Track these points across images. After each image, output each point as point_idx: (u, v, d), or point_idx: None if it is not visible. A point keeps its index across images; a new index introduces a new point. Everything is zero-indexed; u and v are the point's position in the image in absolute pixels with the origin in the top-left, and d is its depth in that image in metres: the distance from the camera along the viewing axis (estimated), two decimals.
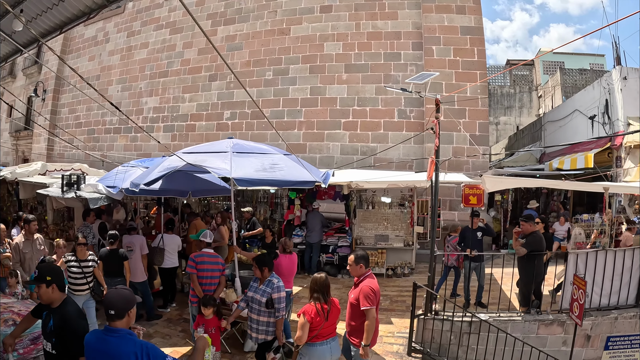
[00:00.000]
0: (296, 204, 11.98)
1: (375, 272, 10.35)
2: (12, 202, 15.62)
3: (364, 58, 14.02)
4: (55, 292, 3.45)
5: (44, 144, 22.55)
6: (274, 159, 6.91)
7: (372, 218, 11.58)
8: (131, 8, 20.10)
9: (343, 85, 13.99)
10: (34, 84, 23.13)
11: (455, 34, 13.49)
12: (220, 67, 15.97)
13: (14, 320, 4.62)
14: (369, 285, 4.86)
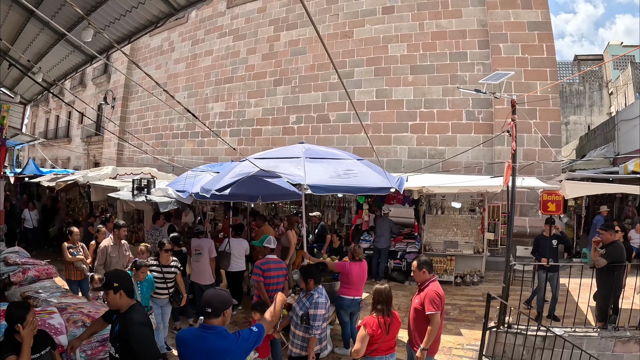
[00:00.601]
0: (364, 208, 11.93)
1: (443, 279, 10.49)
2: (84, 204, 16.33)
3: (429, 59, 13.72)
4: (123, 298, 3.49)
5: (114, 148, 23.42)
6: (348, 165, 6.81)
7: (441, 224, 11.33)
8: (194, 18, 20.59)
9: (409, 87, 13.77)
10: (103, 92, 24.20)
11: (522, 29, 12.97)
12: (285, 71, 16.14)
13: (83, 321, 4.65)
14: (435, 289, 4.80)
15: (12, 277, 6.45)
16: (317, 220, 11.35)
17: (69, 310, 4.89)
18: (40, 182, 15.12)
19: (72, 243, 7.93)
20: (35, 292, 5.97)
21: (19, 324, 3.30)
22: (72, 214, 16.28)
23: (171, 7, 7.03)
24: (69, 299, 5.80)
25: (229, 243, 8.53)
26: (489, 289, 7.34)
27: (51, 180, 14.43)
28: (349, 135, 14.24)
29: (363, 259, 6.76)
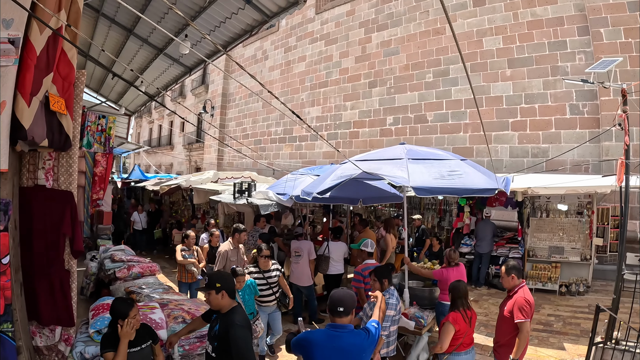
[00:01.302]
0: (465, 211, 11.39)
1: (547, 288, 9.83)
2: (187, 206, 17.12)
3: (527, 50, 12.77)
4: (225, 298, 3.48)
5: (214, 154, 24.37)
6: (451, 165, 6.43)
7: (546, 227, 10.47)
8: (285, 26, 20.97)
9: (507, 82, 12.95)
10: (202, 102, 25.40)
11: (622, 11, 11.55)
12: (379, 73, 15.90)
13: (183, 317, 4.69)
14: (524, 296, 4.50)
15: (117, 273, 6.83)
16: (418, 223, 11.08)
17: (170, 306, 5.00)
18: (145, 186, 16.08)
19: (187, 246, 7.99)
20: (139, 288, 6.24)
21: (122, 319, 3.42)
22: (175, 216, 17.13)
23: (264, 15, 7.15)
24: (170, 296, 5.99)
25: (328, 246, 8.42)
26: (596, 300, 6.84)
27: (155, 184, 15.29)
28: (447, 135, 13.68)
29: (460, 263, 6.44)
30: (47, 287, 3.73)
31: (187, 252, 7.90)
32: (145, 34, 8.93)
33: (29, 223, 3.71)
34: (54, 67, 3.52)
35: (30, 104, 3.12)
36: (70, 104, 3.83)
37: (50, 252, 3.77)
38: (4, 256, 2.95)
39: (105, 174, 6.36)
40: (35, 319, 3.79)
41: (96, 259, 8.20)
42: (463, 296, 4.64)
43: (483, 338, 7.19)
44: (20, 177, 3.81)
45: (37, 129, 3.25)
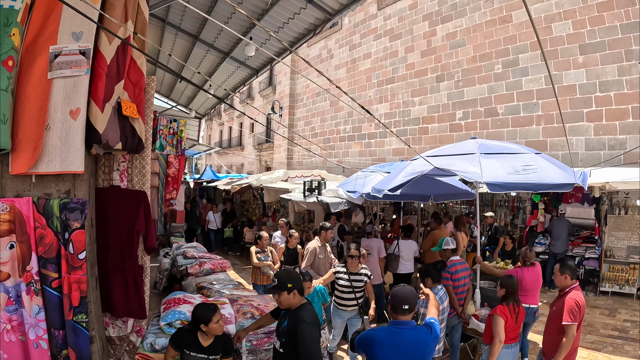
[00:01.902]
0: (540, 208, 10.89)
1: (624, 291, 9.25)
2: (257, 205, 17.60)
3: (598, 34, 11.79)
4: (296, 297, 3.49)
5: (284, 154, 24.70)
6: (526, 159, 6.12)
7: (624, 226, 9.75)
8: (348, 24, 20.88)
9: (580, 70, 12.05)
10: (270, 103, 25.88)
11: None
12: (446, 66, 15.46)
13: (252, 313, 4.73)
14: (575, 298, 4.31)
15: (189, 269, 7.10)
16: (491, 221, 10.74)
17: (239, 302, 5.12)
18: (216, 185, 16.62)
19: (260, 248, 7.85)
20: (210, 284, 6.44)
21: (204, 324, 3.56)
22: (246, 214, 17.60)
23: (326, 13, 7.21)
24: (240, 292, 6.11)
25: (398, 245, 8.33)
26: None
27: (227, 183, 15.78)
28: (519, 129, 13.01)
29: (536, 262, 6.18)
30: (121, 282, 3.96)
31: (262, 254, 7.82)
32: (210, 39, 9.24)
33: (105, 221, 3.95)
34: (125, 74, 3.73)
35: (104, 109, 3.33)
36: (142, 108, 4.03)
37: (124, 249, 3.99)
38: (81, 252, 3.16)
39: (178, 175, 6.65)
40: (109, 311, 4.03)
41: (169, 256, 8.57)
42: (514, 292, 4.72)
43: None
44: (96, 178, 4.06)
45: (111, 133, 3.45)
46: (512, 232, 11.22)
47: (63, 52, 3.19)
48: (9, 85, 2.98)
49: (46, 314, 3.19)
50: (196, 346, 3.61)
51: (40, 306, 3.15)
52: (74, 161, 3.16)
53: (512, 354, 4.71)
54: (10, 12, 3.03)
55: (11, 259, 3.10)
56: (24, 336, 3.19)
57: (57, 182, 3.36)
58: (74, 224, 3.17)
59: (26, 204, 3.13)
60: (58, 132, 3.14)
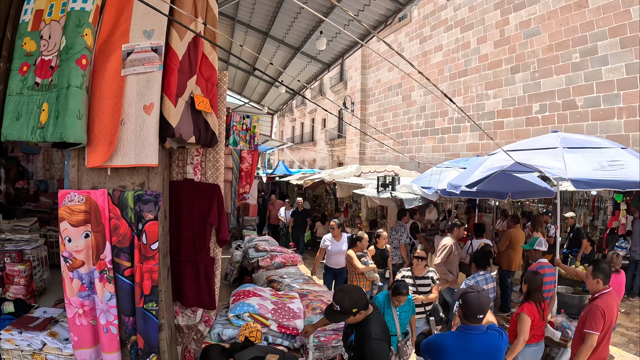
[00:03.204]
0: (622, 208, 10.13)
1: None
2: (330, 200, 17.65)
3: None
4: (361, 314, 3.32)
5: (356, 149, 24.73)
6: (611, 154, 5.71)
7: None
8: (417, 16, 20.48)
9: None
10: (341, 98, 25.92)
11: None
12: (521, 56, 14.74)
13: (321, 309, 4.68)
14: (602, 305, 4.11)
15: (260, 261, 7.22)
16: (572, 222, 10.13)
17: (309, 297, 5.15)
18: (289, 180, 16.84)
19: (360, 250, 7.01)
20: (280, 277, 6.52)
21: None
22: (318, 209, 17.70)
23: (397, 3, 7.09)
24: (310, 287, 6.15)
25: (471, 244, 8.07)
26: None
27: (299, 178, 15.95)
28: (600, 122, 12.17)
29: (621, 270, 5.78)
30: (193, 273, 4.06)
31: (365, 257, 7.01)
32: (280, 35, 9.34)
33: (178, 213, 4.06)
34: (197, 70, 3.81)
35: (177, 104, 3.41)
36: (215, 103, 4.11)
37: (197, 241, 4.09)
38: (153, 242, 3.26)
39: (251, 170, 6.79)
40: (180, 300, 4.15)
41: (241, 248, 8.75)
42: (538, 289, 4.70)
43: (631, 357, 6.43)
44: (170, 172, 4.19)
45: (184, 127, 3.53)
46: (591, 235, 10.50)
47: (135, 49, 3.30)
48: (83, 82, 3.13)
49: (117, 301, 3.33)
50: None
51: (112, 293, 3.29)
52: (148, 154, 3.26)
53: (538, 351, 4.75)
54: (82, 14, 3.20)
55: (86, 248, 3.26)
56: (94, 321, 3.35)
57: (132, 174, 3.49)
58: (148, 215, 3.27)
59: (101, 195, 3.26)
60: (132, 126, 3.25)
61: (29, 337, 3.65)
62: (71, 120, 3.03)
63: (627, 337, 7.17)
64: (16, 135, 3.17)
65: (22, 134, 3.16)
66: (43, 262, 5.79)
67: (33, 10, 3.37)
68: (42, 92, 3.21)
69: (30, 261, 5.28)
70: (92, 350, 3.41)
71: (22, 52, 3.33)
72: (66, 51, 3.13)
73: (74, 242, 3.24)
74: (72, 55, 3.11)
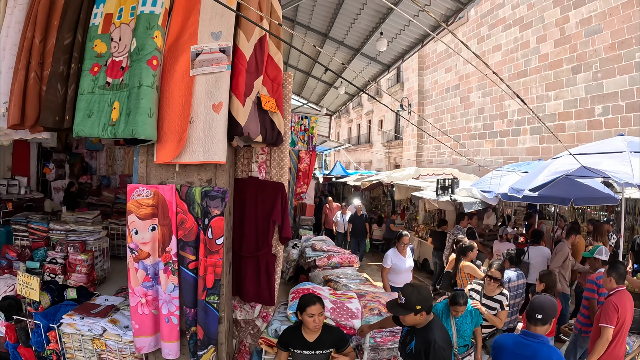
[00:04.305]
0: None
1: None
2: (387, 202, 17.57)
3: None
4: (422, 317, 3.17)
5: (413, 151, 24.44)
6: None
7: None
8: (474, 15, 20.02)
9: None
10: (398, 100, 25.72)
11: None
12: (582, 56, 14.05)
13: (379, 309, 4.64)
14: (615, 301, 4.33)
15: (317, 261, 7.25)
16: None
17: (367, 297, 5.10)
18: (346, 181, 16.87)
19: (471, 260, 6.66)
20: (337, 277, 6.51)
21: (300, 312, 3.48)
22: (375, 211, 17.65)
23: (458, 3, 7.00)
24: (367, 287, 6.08)
25: (527, 251, 7.77)
26: None
27: (357, 180, 15.96)
28: None
29: None
30: (254, 268, 4.17)
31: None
32: (340, 37, 9.38)
33: (242, 210, 4.18)
34: (263, 70, 3.91)
35: (245, 103, 3.52)
36: (280, 103, 4.20)
37: (260, 237, 4.19)
38: (219, 237, 3.36)
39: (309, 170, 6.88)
40: (239, 295, 4.27)
41: (297, 247, 8.84)
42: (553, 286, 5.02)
43: None
44: (235, 169, 4.32)
45: (252, 126, 3.64)
46: None
47: (204, 50, 3.42)
48: (154, 82, 3.29)
49: (180, 293, 3.47)
50: (301, 342, 3.49)
51: (175, 285, 3.43)
52: (216, 152, 3.36)
53: None
54: (151, 17, 3.37)
55: (152, 240, 3.42)
56: (156, 310, 3.51)
57: (200, 171, 3.62)
58: (214, 211, 3.37)
59: (169, 190, 3.40)
60: (201, 124, 3.37)
61: (90, 322, 3.88)
62: (142, 117, 3.18)
63: None
64: (88, 132, 3.37)
65: (93, 130, 3.35)
66: (104, 252, 6.11)
67: (103, 14, 3.58)
68: (113, 91, 3.39)
69: (92, 251, 5.60)
70: (151, 338, 3.57)
71: (93, 53, 3.53)
72: (137, 52, 3.29)
73: (140, 235, 3.40)
74: (143, 56, 3.27)
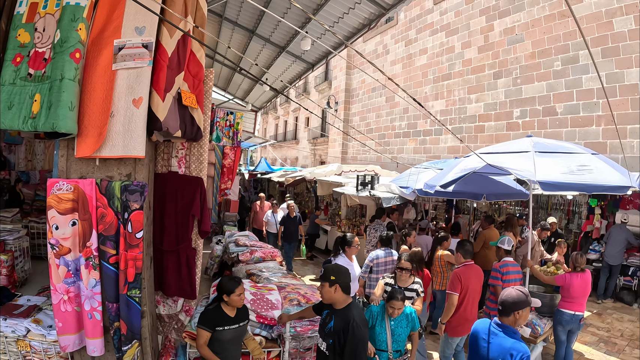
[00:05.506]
0: (596, 213, 10.43)
1: None
2: (310, 198, 17.77)
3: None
4: (338, 293, 3.37)
5: (338, 148, 24.83)
6: (581, 160, 5.90)
7: None
8: (404, 18, 20.62)
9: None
10: (325, 98, 26.07)
11: None
12: (504, 62, 15.02)
13: (298, 300, 4.80)
14: (459, 273, 5.20)
15: (240, 256, 7.28)
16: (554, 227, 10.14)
17: (287, 289, 5.25)
18: (270, 177, 16.93)
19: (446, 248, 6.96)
20: (259, 271, 6.59)
21: (227, 295, 3.62)
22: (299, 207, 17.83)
23: (381, 8, 7.25)
24: (288, 280, 6.22)
25: None
26: None
27: (281, 176, 16.04)
28: (578, 129, 12.41)
29: (587, 269, 5.95)
30: (175, 262, 4.21)
31: None
32: (267, 34, 9.46)
33: (162, 205, 4.21)
34: (185, 66, 3.95)
35: (165, 99, 3.55)
36: (201, 99, 4.26)
37: (179, 231, 4.23)
38: (138, 231, 3.39)
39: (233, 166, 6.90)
40: (161, 289, 4.29)
41: (221, 243, 8.85)
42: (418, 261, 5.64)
43: (602, 356, 6.68)
44: (156, 164, 4.32)
45: (171, 121, 3.67)
46: (566, 238, 10.75)
47: (127, 45, 3.43)
48: (76, 75, 3.25)
49: (102, 288, 3.46)
50: (226, 319, 3.64)
51: (97, 280, 3.42)
52: (135, 146, 3.38)
53: None
54: (77, 9, 3.32)
55: (72, 235, 3.38)
56: (79, 307, 3.48)
57: (119, 165, 3.62)
58: (134, 205, 3.40)
59: (89, 185, 3.39)
60: (121, 119, 3.37)
61: (13, 323, 3.78)
62: (63, 111, 3.14)
63: (597, 336, 7.45)
64: (8, 124, 3.27)
65: (13, 123, 3.26)
66: (25, 252, 5.82)
67: (28, 3, 3.48)
68: (34, 83, 3.31)
69: (12, 251, 5.33)
70: (76, 336, 3.53)
71: (16, 43, 3.43)
72: (60, 44, 3.24)
73: (61, 230, 3.36)
74: (66, 49, 3.22)
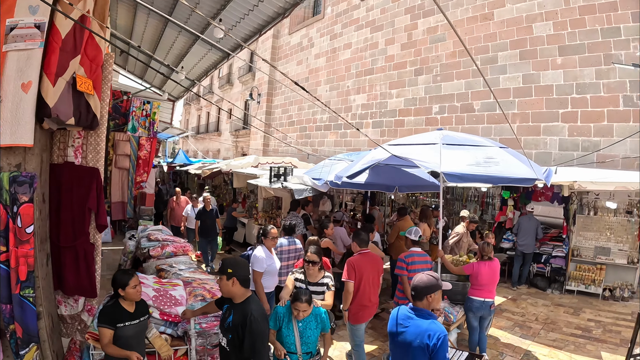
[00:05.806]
0: (509, 204, 11.03)
1: (589, 291, 9.49)
2: (228, 190, 17.53)
3: (578, 37, 11.88)
4: (236, 286, 3.29)
5: (260, 140, 24.69)
6: (489, 152, 6.06)
7: (593, 226, 9.89)
8: (330, 13, 20.88)
9: (558, 71, 12.15)
10: (249, 89, 25.76)
11: None
12: (425, 60, 15.51)
13: (203, 296, 4.78)
14: (353, 261, 5.27)
15: (151, 251, 7.03)
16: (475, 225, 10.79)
17: (193, 284, 5.16)
18: (188, 170, 16.55)
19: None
20: (169, 266, 6.40)
21: (122, 289, 3.49)
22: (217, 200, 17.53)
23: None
24: (197, 275, 6.09)
25: None
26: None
27: (198, 168, 15.68)
28: (494, 126, 13.15)
29: (495, 258, 6.19)
30: (72, 258, 3.95)
31: None
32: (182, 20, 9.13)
33: (58, 197, 3.94)
34: (82, 50, 3.70)
35: (56, 84, 3.31)
36: (98, 85, 4.00)
37: (76, 226, 3.98)
38: (28, 226, 3.15)
39: (149, 158, 6.62)
40: (61, 288, 4.03)
41: (134, 238, 8.51)
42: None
43: (517, 339, 7.03)
44: (51, 154, 4.03)
45: (63, 107, 3.43)
46: (480, 228, 11.28)
47: (19, 25, 3.17)
48: None
49: None
50: (125, 315, 3.53)
51: None
52: (23, 134, 3.15)
53: None
54: None
55: None
56: None
57: (8, 155, 3.33)
58: (22, 198, 3.16)
59: None
60: (9, 105, 3.12)
61: None
62: None
63: (513, 321, 7.87)
64: None
65: None
66: None
67: None
68: None
69: None
70: None
71: None
72: None
73: None
74: None
